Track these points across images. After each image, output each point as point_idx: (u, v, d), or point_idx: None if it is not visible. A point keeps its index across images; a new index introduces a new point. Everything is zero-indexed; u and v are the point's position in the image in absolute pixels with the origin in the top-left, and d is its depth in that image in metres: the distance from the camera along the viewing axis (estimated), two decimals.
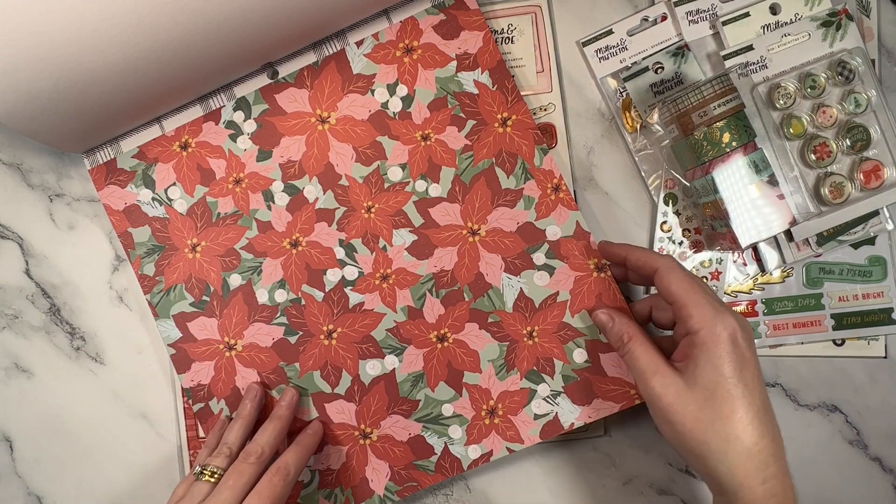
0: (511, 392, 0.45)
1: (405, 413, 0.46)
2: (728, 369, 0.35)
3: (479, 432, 0.46)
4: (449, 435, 0.46)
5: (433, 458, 0.46)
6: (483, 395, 0.46)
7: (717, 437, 0.35)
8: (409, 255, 0.46)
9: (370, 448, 0.46)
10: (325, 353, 0.46)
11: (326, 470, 0.46)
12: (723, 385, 0.35)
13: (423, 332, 0.46)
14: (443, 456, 0.46)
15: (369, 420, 0.46)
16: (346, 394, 0.46)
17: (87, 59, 0.38)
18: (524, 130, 0.46)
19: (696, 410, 0.36)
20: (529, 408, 0.45)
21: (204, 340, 0.47)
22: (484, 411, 0.46)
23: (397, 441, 0.46)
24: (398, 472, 0.46)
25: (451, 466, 0.46)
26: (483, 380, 0.46)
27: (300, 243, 0.47)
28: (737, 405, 0.35)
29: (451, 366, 0.46)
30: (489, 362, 0.46)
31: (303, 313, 0.46)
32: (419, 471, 0.46)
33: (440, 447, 0.46)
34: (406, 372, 0.46)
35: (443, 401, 0.46)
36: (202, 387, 0.47)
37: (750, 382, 0.36)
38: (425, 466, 0.46)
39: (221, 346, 0.47)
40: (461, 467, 0.46)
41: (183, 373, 0.47)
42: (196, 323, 0.47)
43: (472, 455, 0.46)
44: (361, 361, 0.46)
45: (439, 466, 0.46)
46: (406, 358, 0.46)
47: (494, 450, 0.45)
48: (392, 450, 0.46)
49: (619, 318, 0.41)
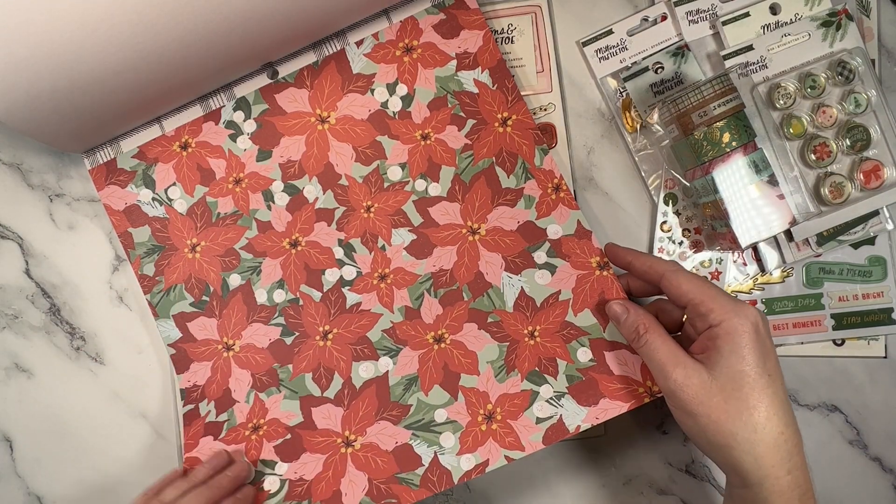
0: (511, 395, 0.44)
1: (394, 419, 0.44)
2: (753, 359, 0.35)
3: (474, 440, 0.43)
4: (440, 443, 0.43)
5: (419, 471, 0.43)
6: (480, 399, 0.44)
7: (744, 428, 0.35)
8: (408, 255, 0.46)
9: (351, 457, 0.44)
10: (319, 354, 0.46)
11: (298, 480, 0.44)
12: (749, 375, 0.35)
13: (419, 332, 0.45)
14: (431, 468, 0.43)
15: (355, 426, 0.44)
16: (335, 398, 0.45)
17: (87, 58, 0.38)
18: (524, 130, 0.46)
19: (722, 402, 0.35)
20: (531, 411, 0.43)
21: (203, 340, 0.46)
22: (481, 416, 0.43)
23: (381, 450, 0.44)
24: (377, 486, 0.43)
25: (438, 480, 0.43)
26: (481, 382, 0.44)
27: (300, 243, 0.46)
28: (763, 395, 0.35)
29: (448, 368, 0.45)
30: (488, 364, 0.45)
31: (300, 314, 0.46)
32: (401, 485, 0.43)
33: (429, 457, 0.43)
34: (400, 375, 0.45)
35: (436, 405, 0.44)
36: (196, 388, 0.46)
37: (773, 372, 0.36)
38: (409, 480, 0.43)
39: (220, 347, 0.46)
40: (450, 480, 0.43)
41: (182, 373, 0.46)
42: (196, 323, 0.46)
43: (465, 466, 0.43)
44: (355, 363, 0.45)
45: (425, 480, 0.43)
46: (401, 360, 0.45)
47: (491, 459, 0.43)
48: (374, 460, 0.44)
49: (635, 309, 0.41)
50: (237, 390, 0.46)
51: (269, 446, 0.45)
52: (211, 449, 0.45)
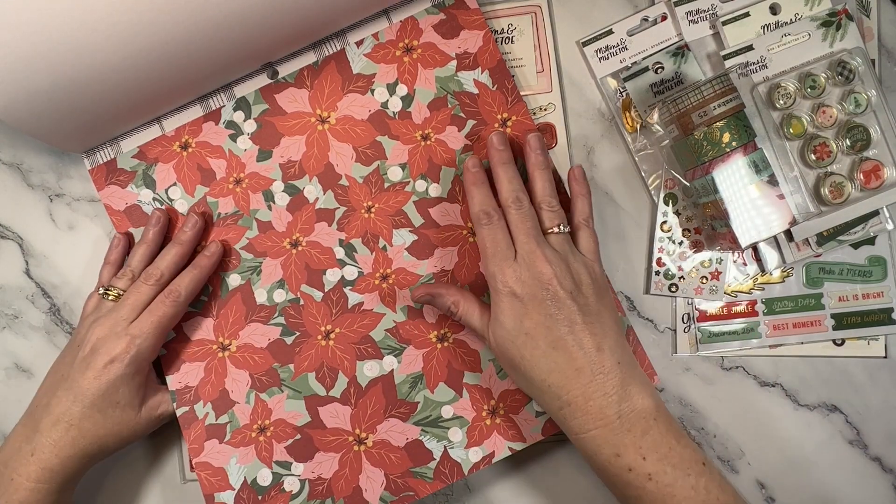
0: (512, 391, 0.45)
1: (403, 416, 0.45)
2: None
3: (480, 434, 0.45)
4: (449, 438, 0.45)
5: (431, 465, 0.45)
6: (484, 396, 0.45)
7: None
8: (410, 255, 0.46)
9: (365, 455, 0.45)
10: (321, 353, 0.46)
11: (317, 479, 0.45)
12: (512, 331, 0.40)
13: (422, 332, 0.46)
14: (442, 461, 0.45)
15: (365, 424, 0.45)
16: (341, 396, 0.45)
17: (87, 55, 0.38)
18: (524, 131, 0.46)
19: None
20: (531, 405, 0.45)
21: (197, 341, 0.46)
22: (485, 411, 0.45)
23: (394, 447, 0.45)
24: (394, 481, 0.45)
25: (450, 472, 0.45)
26: (484, 379, 0.45)
27: (300, 243, 0.46)
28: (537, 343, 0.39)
29: (452, 366, 0.45)
30: (490, 361, 0.45)
31: (301, 313, 0.46)
32: (416, 478, 0.45)
33: (439, 452, 0.45)
34: (405, 373, 0.45)
35: (443, 402, 0.45)
36: (189, 389, 0.46)
37: (530, 331, 0.39)
38: (423, 473, 0.45)
39: (215, 347, 0.46)
40: (461, 472, 0.45)
41: (171, 374, 0.46)
42: (191, 322, 0.46)
43: (474, 458, 0.45)
44: (359, 363, 0.46)
45: (438, 473, 0.45)
46: (405, 358, 0.46)
47: (496, 450, 0.45)
48: (388, 456, 0.45)
49: (445, 288, 0.43)
50: (235, 391, 0.46)
51: (280, 447, 0.45)
52: (218, 452, 0.45)
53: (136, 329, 0.42)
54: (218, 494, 0.45)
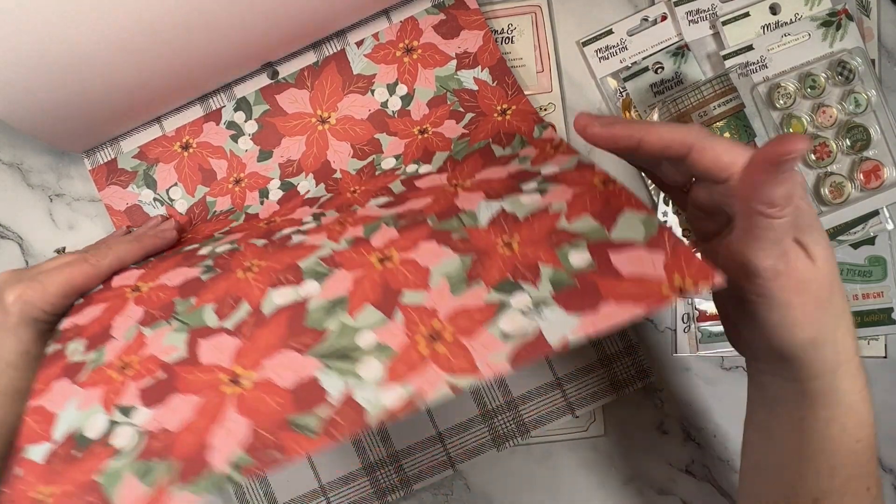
0: (469, 309, 0.30)
1: (302, 348, 0.31)
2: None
3: (407, 366, 0.29)
4: (356, 373, 0.29)
5: (321, 411, 0.29)
6: (424, 317, 0.30)
7: (832, 313, 0.31)
8: (379, 209, 0.39)
9: (237, 400, 0.30)
10: (231, 285, 0.35)
11: (159, 432, 0.30)
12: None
13: (361, 254, 0.34)
14: (339, 406, 0.29)
15: (248, 359, 0.32)
16: (234, 328, 0.33)
17: (86, 55, 0.38)
18: (524, 115, 0.44)
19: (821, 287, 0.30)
20: (496, 326, 0.29)
21: (116, 287, 0.38)
22: (421, 336, 0.30)
23: (278, 387, 0.30)
24: (262, 436, 0.29)
25: (347, 421, 0.28)
26: (429, 298, 0.31)
27: (274, 221, 0.43)
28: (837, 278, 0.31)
29: (389, 286, 0.32)
30: (442, 276, 0.32)
31: (233, 255, 0.38)
32: (294, 431, 0.28)
33: (338, 392, 0.29)
34: (325, 298, 0.32)
35: (361, 327, 0.31)
36: (76, 328, 0.36)
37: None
38: (304, 425, 0.28)
39: (128, 290, 0.37)
40: (362, 422, 0.28)
41: (69, 316, 0.37)
42: (122, 276, 0.39)
43: (387, 401, 0.28)
44: (271, 289, 0.34)
45: (329, 424, 0.28)
46: (328, 282, 0.33)
47: (426, 389, 0.28)
48: (266, 400, 0.30)
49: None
50: (118, 327, 0.35)
51: (134, 387, 0.32)
52: (62, 394, 0.33)
53: (41, 277, 0.37)
54: (27, 447, 0.31)
